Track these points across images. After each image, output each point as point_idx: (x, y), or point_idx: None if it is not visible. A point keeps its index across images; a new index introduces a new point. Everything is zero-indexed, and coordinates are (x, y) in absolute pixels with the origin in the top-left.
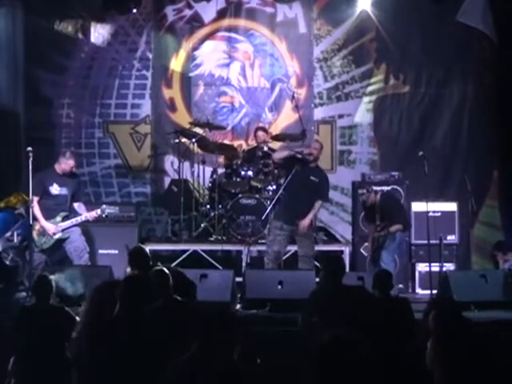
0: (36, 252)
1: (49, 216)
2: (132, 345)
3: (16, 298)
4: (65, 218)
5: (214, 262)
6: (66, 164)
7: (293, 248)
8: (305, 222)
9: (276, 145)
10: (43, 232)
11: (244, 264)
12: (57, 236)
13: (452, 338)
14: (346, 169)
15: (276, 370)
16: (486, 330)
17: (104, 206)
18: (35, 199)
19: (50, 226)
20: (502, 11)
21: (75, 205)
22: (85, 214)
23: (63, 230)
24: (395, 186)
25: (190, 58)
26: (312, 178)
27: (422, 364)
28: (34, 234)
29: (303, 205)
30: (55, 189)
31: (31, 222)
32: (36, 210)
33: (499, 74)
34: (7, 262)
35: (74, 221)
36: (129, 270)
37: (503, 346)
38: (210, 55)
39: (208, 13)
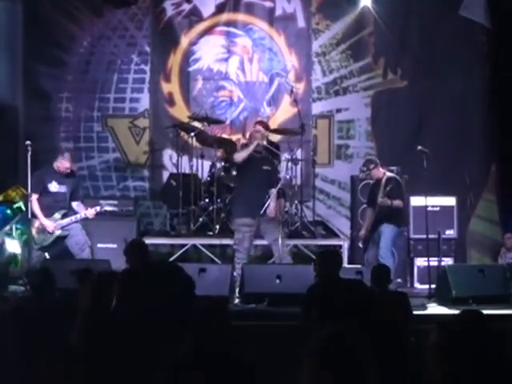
0: (35, 249)
1: (48, 213)
2: (128, 341)
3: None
4: (64, 216)
5: (212, 256)
6: (60, 163)
7: (291, 242)
8: (271, 207)
9: (275, 138)
10: (43, 229)
11: None
12: (56, 233)
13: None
14: (344, 163)
15: (274, 364)
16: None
17: (102, 202)
18: (35, 196)
19: (49, 224)
20: (500, 6)
21: (74, 204)
22: (84, 212)
23: (62, 228)
24: None
25: (189, 52)
26: (264, 167)
27: (421, 359)
28: (34, 231)
29: (262, 195)
30: (54, 186)
31: (30, 218)
32: (35, 207)
33: (498, 69)
34: None
35: (73, 218)
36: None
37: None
38: (209, 50)
39: (207, 7)
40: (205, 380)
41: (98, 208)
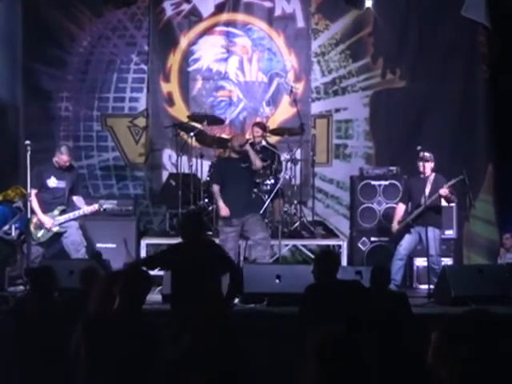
0: (33, 245)
1: (46, 209)
2: (131, 340)
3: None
4: (62, 212)
5: None
6: (59, 158)
7: (290, 242)
8: None
9: (274, 139)
10: (41, 225)
11: (242, 258)
12: (54, 230)
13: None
14: (342, 162)
15: (273, 364)
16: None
17: (102, 201)
18: (33, 192)
19: (46, 220)
20: (500, 7)
21: (74, 198)
22: (83, 209)
23: (60, 224)
24: (393, 181)
25: (188, 52)
26: (243, 165)
27: (421, 359)
28: (32, 227)
29: (246, 194)
30: (53, 181)
31: (29, 215)
32: (34, 203)
33: (497, 70)
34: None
35: (71, 215)
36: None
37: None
38: (208, 50)
39: (206, 7)
40: (204, 378)
41: (96, 206)
